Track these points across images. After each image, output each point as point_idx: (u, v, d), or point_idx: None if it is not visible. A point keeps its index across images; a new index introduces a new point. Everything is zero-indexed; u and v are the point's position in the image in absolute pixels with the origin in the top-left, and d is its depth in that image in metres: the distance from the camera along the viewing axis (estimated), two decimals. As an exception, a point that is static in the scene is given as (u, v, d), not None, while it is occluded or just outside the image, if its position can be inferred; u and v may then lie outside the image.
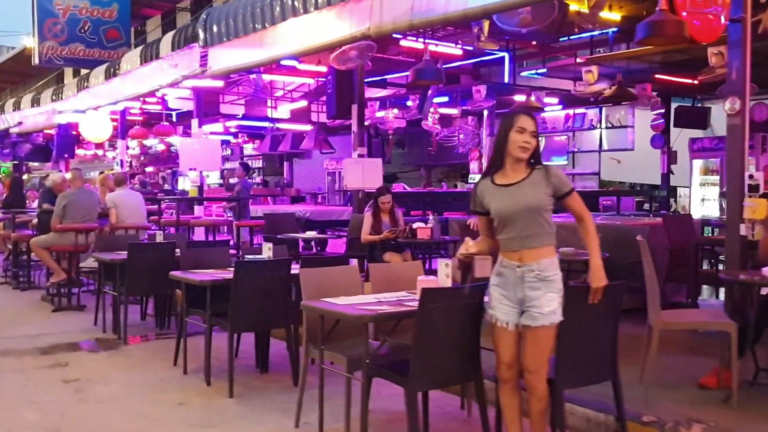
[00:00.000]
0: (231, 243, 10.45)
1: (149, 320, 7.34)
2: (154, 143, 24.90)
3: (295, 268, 5.02)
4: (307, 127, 19.17)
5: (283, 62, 10.40)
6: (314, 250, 8.27)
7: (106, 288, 6.78)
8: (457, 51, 10.89)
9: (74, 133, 19.55)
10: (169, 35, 8.87)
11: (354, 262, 6.42)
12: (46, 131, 20.31)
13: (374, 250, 7.14)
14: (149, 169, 29.41)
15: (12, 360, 5.81)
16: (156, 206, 10.51)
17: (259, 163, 25.12)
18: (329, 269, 4.31)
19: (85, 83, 12.00)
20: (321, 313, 3.81)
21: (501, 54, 11.34)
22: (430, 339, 3.34)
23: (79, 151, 22.58)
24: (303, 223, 10.22)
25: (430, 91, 10.81)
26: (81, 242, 8.02)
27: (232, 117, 17.15)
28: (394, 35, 8.81)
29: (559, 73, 11.17)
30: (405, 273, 4.51)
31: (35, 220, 9.14)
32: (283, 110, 15.74)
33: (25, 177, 27.74)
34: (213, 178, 26.42)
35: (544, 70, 10.58)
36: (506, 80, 11.41)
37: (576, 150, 15.37)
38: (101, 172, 10.18)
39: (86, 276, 9.07)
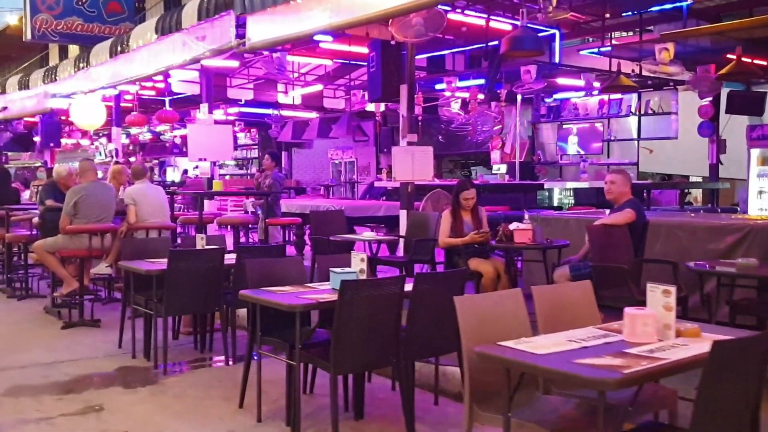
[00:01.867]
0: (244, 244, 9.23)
1: (183, 339, 6.14)
2: (142, 131, 23.53)
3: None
4: (313, 115, 17.95)
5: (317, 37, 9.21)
6: (370, 254, 7.09)
7: (136, 304, 5.58)
8: (504, 26, 9.75)
9: (60, 119, 18.13)
10: (195, 2, 7.60)
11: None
12: (26, 119, 18.86)
13: (453, 256, 5.99)
14: (132, 159, 27.91)
15: (28, 402, 4.58)
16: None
17: (254, 153, 23.86)
18: (493, 296, 3.18)
19: (83, 63, 10.67)
20: (509, 366, 2.67)
21: (552, 31, 10.22)
22: (715, 411, 2.23)
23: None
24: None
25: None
26: (96, 246, 6.78)
27: (235, 103, 15.87)
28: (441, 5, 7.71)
29: (620, 53, 10.05)
30: (571, 298, 3.41)
31: (36, 219, 7.84)
32: (295, 95, 14.49)
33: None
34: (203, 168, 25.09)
35: (609, 48, 9.45)
36: (556, 60, 10.27)
37: (612, 138, 14.32)
38: (116, 162, 8.88)
39: (95, 283, 7.84)
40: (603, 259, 4.77)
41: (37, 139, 20.69)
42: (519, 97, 13.15)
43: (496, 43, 8.23)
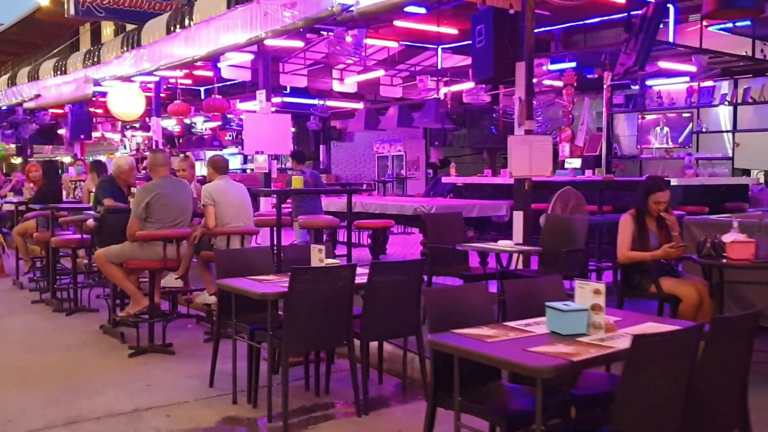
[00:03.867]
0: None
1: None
2: (171, 124, 22.42)
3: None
4: (359, 105, 16.68)
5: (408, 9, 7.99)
6: (500, 266, 5.82)
7: (240, 335, 4.36)
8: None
9: (89, 111, 17.00)
10: (283, -38, 6.36)
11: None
12: (53, 110, 17.81)
13: (634, 274, 4.72)
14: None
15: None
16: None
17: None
18: None
19: (130, 42, 9.46)
20: None
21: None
22: None
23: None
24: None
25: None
26: (171, 255, 5.55)
27: (279, 92, 14.63)
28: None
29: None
30: None
31: (90, 221, 6.64)
32: (351, 82, 13.22)
33: (18, 161, 25.11)
34: (235, 163, 23.84)
35: (748, 23, 8.10)
36: (671, 39, 8.94)
37: (703, 130, 12.96)
38: (185, 156, 7.68)
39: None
40: None
41: (62, 131, 19.61)
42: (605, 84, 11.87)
43: (638, 13, 6.93)
